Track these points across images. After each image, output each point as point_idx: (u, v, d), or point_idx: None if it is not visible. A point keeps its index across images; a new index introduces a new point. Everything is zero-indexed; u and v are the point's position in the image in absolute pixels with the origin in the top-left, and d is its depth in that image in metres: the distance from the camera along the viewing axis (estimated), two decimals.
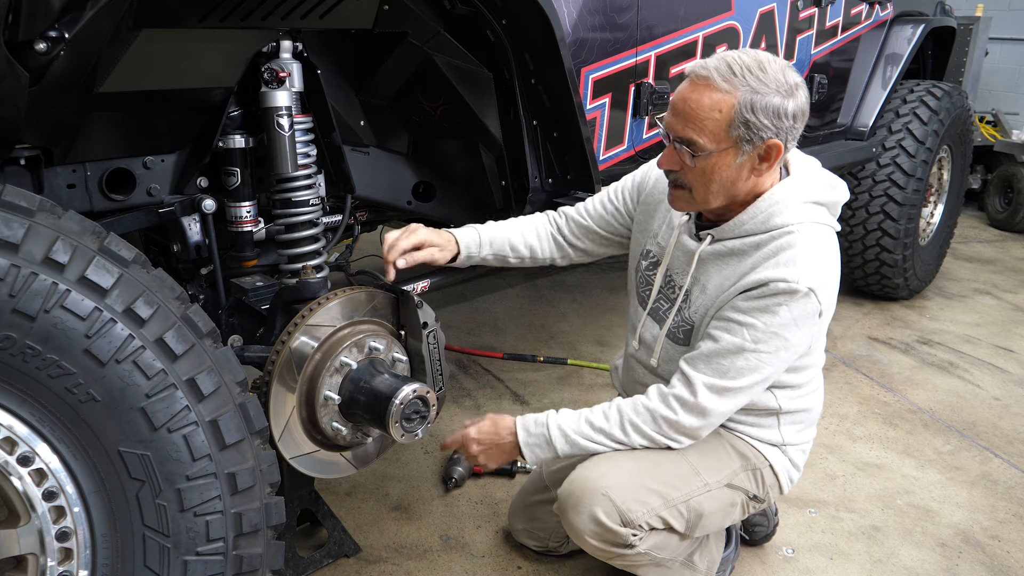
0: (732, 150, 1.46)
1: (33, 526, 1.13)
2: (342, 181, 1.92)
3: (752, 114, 1.42)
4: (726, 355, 1.52)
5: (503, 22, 1.89)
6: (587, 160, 2.10)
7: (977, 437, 2.68)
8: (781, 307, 1.48)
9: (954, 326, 3.71)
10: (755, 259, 1.53)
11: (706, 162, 1.47)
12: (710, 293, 1.60)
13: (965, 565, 2.03)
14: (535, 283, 4.07)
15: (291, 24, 1.50)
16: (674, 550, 1.68)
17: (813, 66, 3.13)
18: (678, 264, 1.67)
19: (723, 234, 1.58)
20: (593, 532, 1.58)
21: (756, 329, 1.49)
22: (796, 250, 1.49)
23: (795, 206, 1.53)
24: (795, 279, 1.46)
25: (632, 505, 1.56)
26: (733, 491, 1.67)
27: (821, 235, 1.54)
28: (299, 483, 1.84)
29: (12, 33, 1.18)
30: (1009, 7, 5.95)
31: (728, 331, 1.52)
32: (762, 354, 1.51)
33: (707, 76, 1.43)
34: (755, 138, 1.44)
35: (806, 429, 1.75)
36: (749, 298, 1.51)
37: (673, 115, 1.49)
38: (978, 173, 5.84)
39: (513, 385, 2.94)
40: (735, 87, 1.42)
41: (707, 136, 1.45)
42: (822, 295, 1.49)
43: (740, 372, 1.52)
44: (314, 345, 1.57)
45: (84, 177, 1.57)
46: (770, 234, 1.52)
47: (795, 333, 1.50)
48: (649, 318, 1.75)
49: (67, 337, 1.10)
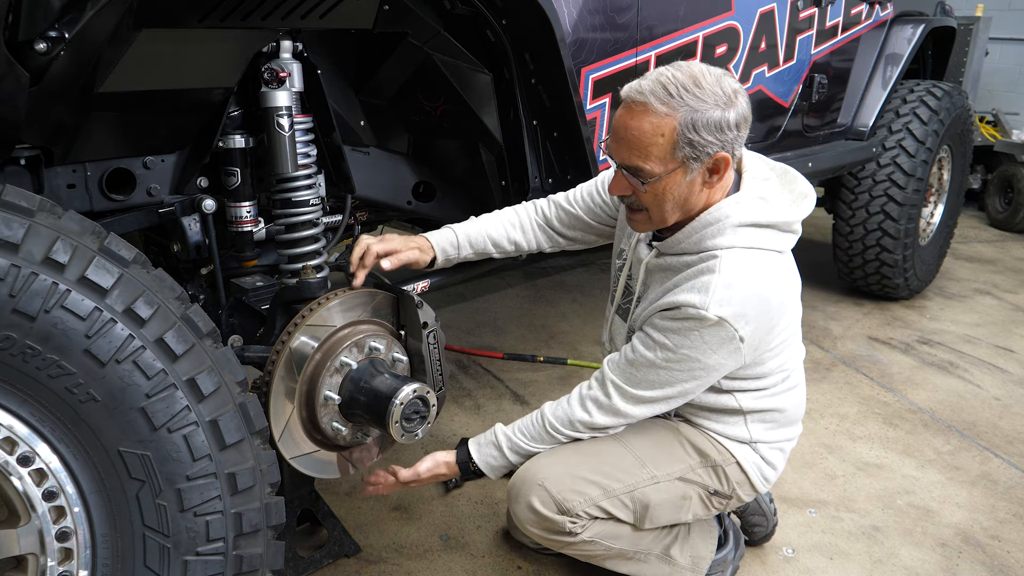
0: (680, 170, 1.45)
1: (33, 526, 1.13)
2: (342, 181, 1.92)
3: (695, 133, 1.40)
4: (639, 367, 1.56)
5: (503, 22, 1.89)
6: (587, 160, 2.10)
7: (977, 437, 2.68)
8: (692, 332, 1.49)
9: (954, 326, 3.71)
10: (679, 278, 1.54)
11: (656, 186, 1.47)
12: (650, 299, 1.61)
13: (965, 565, 2.03)
14: (535, 283, 4.07)
15: (291, 24, 1.50)
16: (633, 541, 1.70)
17: (813, 66, 3.12)
18: (635, 270, 1.70)
19: (666, 248, 1.60)
20: (531, 520, 1.66)
21: (668, 349, 1.52)
22: (713, 276, 1.47)
23: (729, 230, 1.50)
24: (704, 306, 1.46)
25: (568, 495, 1.62)
26: (686, 484, 1.69)
27: (746, 261, 1.49)
28: (299, 483, 1.84)
29: (12, 33, 1.18)
30: (1009, 7, 5.95)
31: (644, 345, 1.55)
32: (674, 372, 1.53)
33: (644, 101, 1.42)
34: (701, 155, 1.43)
35: (780, 428, 1.74)
36: (664, 317, 1.53)
37: (616, 143, 1.48)
38: (978, 173, 5.83)
39: (513, 385, 2.94)
40: (674, 108, 1.40)
41: (653, 161, 1.44)
42: (738, 323, 1.46)
43: (651, 384, 1.56)
44: (314, 345, 1.57)
45: (84, 177, 1.57)
46: (700, 255, 1.52)
47: (711, 357, 1.50)
48: (616, 316, 1.79)
49: (67, 337, 1.10)
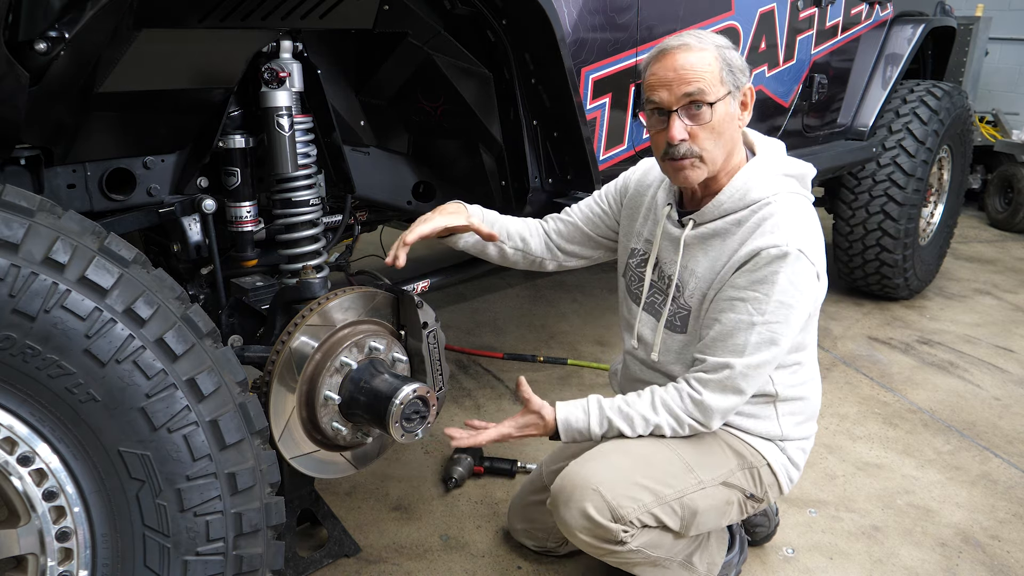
0: (728, 97, 1.55)
1: (33, 526, 1.13)
2: (342, 181, 1.92)
3: (730, 63, 1.55)
4: (737, 333, 1.54)
5: (503, 22, 1.89)
6: (587, 160, 2.10)
7: (977, 437, 2.68)
8: (778, 274, 1.51)
9: (954, 326, 3.71)
10: (740, 235, 1.58)
11: (716, 111, 1.53)
12: (701, 275, 1.63)
13: (965, 565, 2.03)
14: (535, 283, 4.07)
15: (291, 24, 1.50)
16: (669, 549, 1.67)
17: (813, 66, 3.12)
18: (666, 254, 1.70)
19: (704, 217, 1.63)
20: (583, 527, 1.58)
21: (759, 301, 1.52)
22: (777, 218, 1.55)
23: (768, 180, 1.60)
24: (783, 243, 1.51)
25: (623, 501, 1.56)
26: (729, 489, 1.67)
27: (798, 203, 1.59)
28: (299, 483, 1.84)
29: (12, 33, 1.18)
30: (1009, 7, 5.94)
31: (733, 310, 1.55)
32: (772, 324, 1.53)
33: (683, 43, 1.54)
34: (739, 82, 1.56)
35: (805, 423, 1.75)
36: (745, 272, 1.54)
37: (667, 86, 1.54)
38: (978, 173, 5.83)
39: (513, 385, 2.93)
40: (708, 45, 1.54)
41: (710, 85, 1.53)
42: (813, 256, 1.54)
43: (757, 347, 1.54)
44: (314, 345, 1.57)
45: (84, 177, 1.57)
46: (750, 209, 1.59)
47: (797, 297, 1.53)
48: (645, 313, 1.77)
49: (67, 337, 1.10)
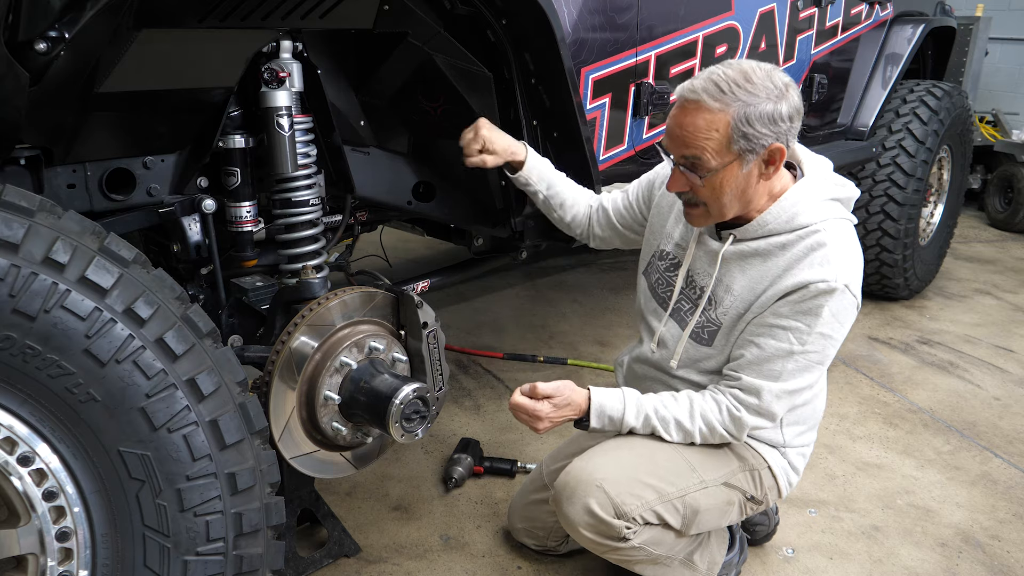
0: (736, 162, 1.48)
1: (33, 526, 1.13)
2: (342, 181, 1.91)
3: (749, 126, 1.44)
4: (775, 360, 1.55)
5: (503, 22, 1.89)
6: (587, 160, 2.10)
7: (977, 437, 2.68)
8: (823, 308, 1.51)
9: (954, 326, 3.71)
10: (787, 260, 1.55)
11: (714, 180, 1.50)
12: (737, 293, 1.61)
13: (965, 565, 2.03)
14: (535, 283, 4.07)
15: (291, 24, 1.50)
16: (670, 547, 1.68)
17: (813, 66, 3.12)
18: (700, 265, 1.68)
19: (746, 234, 1.60)
20: (587, 523, 1.59)
21: (801, 332, 1.52)
22: (827, 249, 1.52)
23: (816, 204, 1.56)
24: (833, 278, 1.49)
25: (626, 498, 1.57)
26: (730, 490, 1.68)
27: (846, 232, 1.57)
28: (299, 483, 1.84)
29: (12, 33, 1.18)
30: (1009, 7, 5.94)
31: (773, 337, 1.55)
32: (810, 354, 1.54)
33: (697, 99, 1.46)
34: (756, 147, 1.47)
35: (807, 432, 1.76)
36: (790, 302, 1.53)
37: (672, 140, 1.52)
38: (978, 173, 5.83)
39: (513, 385, 2.93)
40: (727, 104, 1.44)
41: (709, 155, 1.47)
42: (855, 290, 1.54)
43: (792, 374, 1.55)
44: (314, 345, 1.57)
45: (84, 177, 1.57)
46: (796, 234, 1.55)
47: (838, 329, 1.54)
48: (671, 319, 1.75)
49: (67, 337, 1.10)
